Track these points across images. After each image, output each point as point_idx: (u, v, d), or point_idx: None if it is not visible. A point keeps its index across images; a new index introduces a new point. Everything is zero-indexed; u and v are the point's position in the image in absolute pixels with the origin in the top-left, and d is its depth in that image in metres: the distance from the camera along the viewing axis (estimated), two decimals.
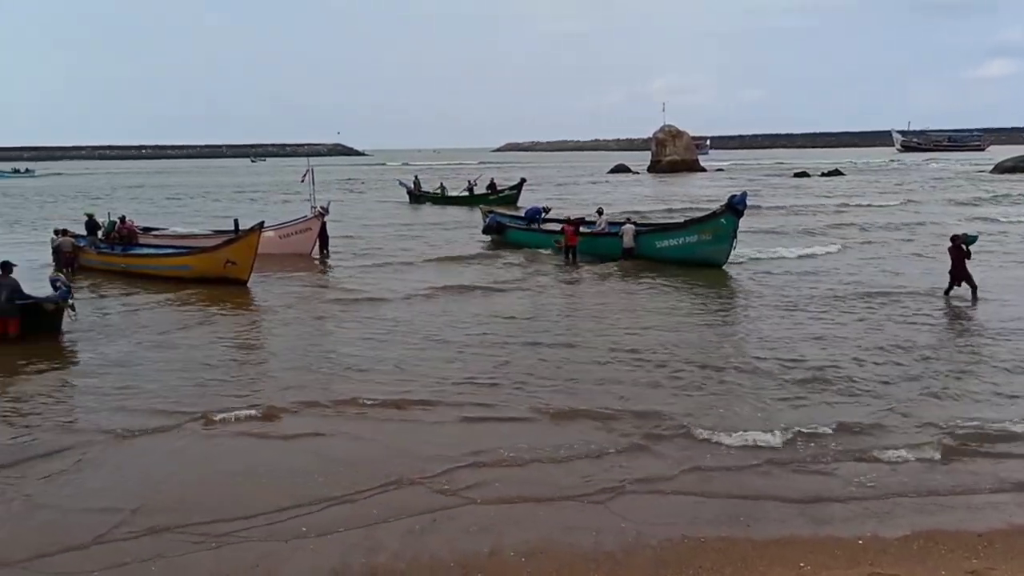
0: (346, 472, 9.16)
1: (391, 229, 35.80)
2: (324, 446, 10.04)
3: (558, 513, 8.23)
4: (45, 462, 9.68)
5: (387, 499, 8.56)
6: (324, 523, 8.04)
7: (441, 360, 13.78)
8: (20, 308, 15.40)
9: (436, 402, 11.53)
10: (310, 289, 21.38)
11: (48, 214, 46.11)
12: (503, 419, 10.89)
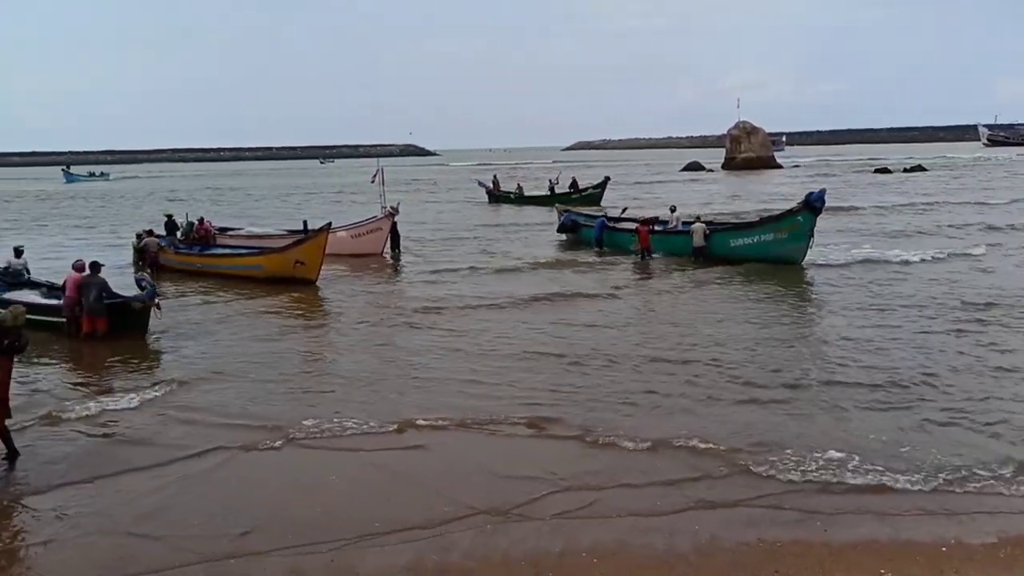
0: (420, 489, 9.00)
1: (465, 230, 35.93)
2: (394, 460, 9.87)
3: (631, 519, 8.23)
4: (148, 475, 9.60)
5: (458, 500, 8.68)
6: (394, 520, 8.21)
7: (514, 373, 13.30)
8: (108, 307, 16.05)
9: (508, 418, 11.10)
10: (379, 292, 21.50)
11: (125, 216, 47.86)
12: (575, 439, 10.37)
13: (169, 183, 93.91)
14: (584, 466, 9.42)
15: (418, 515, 8.29)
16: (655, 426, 10.64)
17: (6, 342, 9.08)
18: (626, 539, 7.81)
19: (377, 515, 8.32)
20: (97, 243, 32.85)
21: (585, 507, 8.46)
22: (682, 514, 8.26)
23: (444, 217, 42.96)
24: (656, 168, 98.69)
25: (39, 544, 7.99)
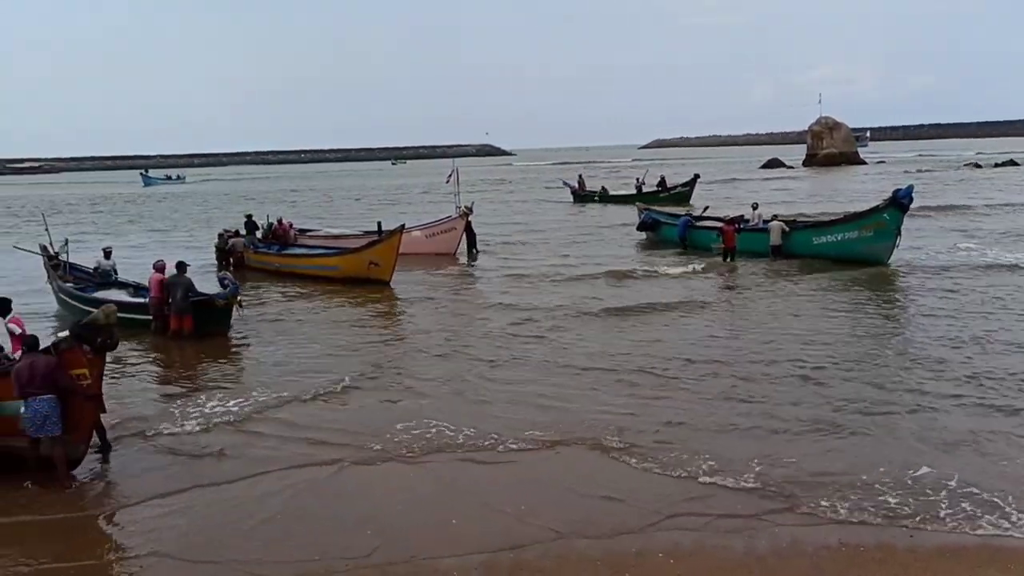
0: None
1: (546, 230, 35.70)
2: (456, 478, 9.55)
3: (710, 522, 8.22)
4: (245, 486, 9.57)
5: (533, 502, 8.75)
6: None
7: (597, 386, 12.64)
8: (193, 304, 16.68)
9: (585, 437, 10.47)
10: (454, 295, 21.42)
11: (201, 218, 49.32)
12: (656, 460, 9.72)
13: (245, 185, 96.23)
14: (662, 489, 9.00)
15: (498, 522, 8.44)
16: (739, 447, 10.04)
17: (99, 340, 9.50)
18: (704, 541, 7.81)
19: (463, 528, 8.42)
20: (176, 244, 34.07)
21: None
22: (761, 518, 8.21)
23: (524, 217, 42.60)
24: (735, 165, 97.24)
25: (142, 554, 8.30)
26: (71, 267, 20.38)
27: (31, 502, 9.23)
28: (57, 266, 20.20)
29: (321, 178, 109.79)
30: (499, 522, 8.34)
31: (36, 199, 76.13)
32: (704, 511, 8.38)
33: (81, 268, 20.56)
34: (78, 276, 20.07)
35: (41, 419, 9.28)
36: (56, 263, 20.34)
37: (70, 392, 9.43)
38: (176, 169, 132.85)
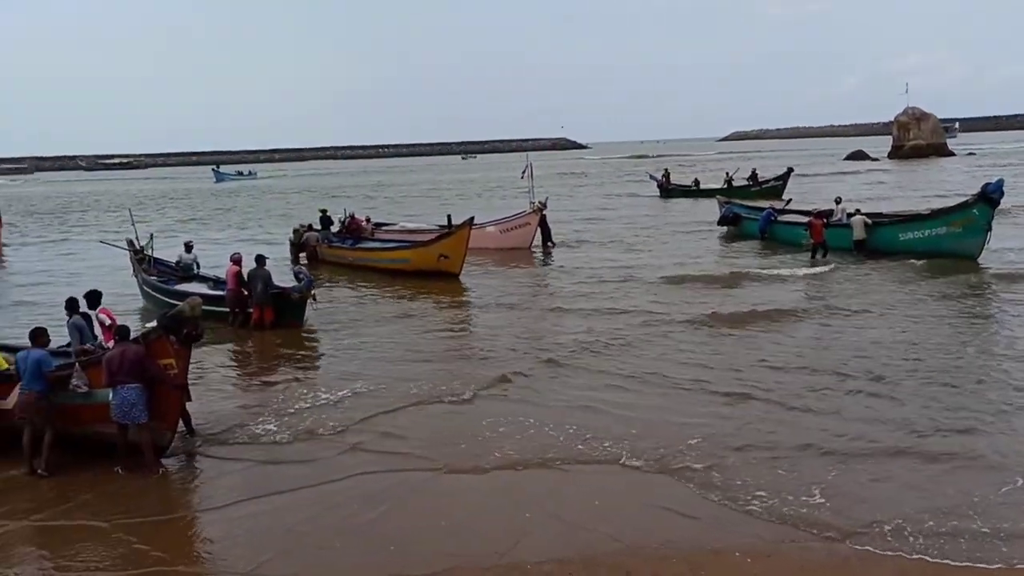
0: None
1: (625, 225, 35.19)
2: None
3: (793, 526, 8.12)
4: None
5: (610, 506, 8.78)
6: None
7: (677, 403, 11.80)
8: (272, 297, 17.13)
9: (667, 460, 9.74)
10: (526, 291, 21.13)
11: (272, 212, 50.45)
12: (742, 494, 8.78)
13: (316, 180, 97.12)
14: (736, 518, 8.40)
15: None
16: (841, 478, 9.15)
17: (185, 331, 9.86)
18: (782, 545, 7.72)
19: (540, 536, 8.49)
20: (251, 238, 35.00)
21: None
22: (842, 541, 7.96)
23: (606, 213, 41.57)
24: (817, 158, 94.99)
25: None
26: (155, 261, 21.09)
27: (120, 488, 9.64)
28: (142, 260, 20.94)
29: (393, 173, 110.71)
30: (576, 529, 8.25)
31: (120, 194, 79.01)
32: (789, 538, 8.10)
33: (164, 262, 21.28)
34: (161, 269, 20.77)
35: (128, 406, 9.69)
36: (141, 257, 21.08)
37: (158, 381, 9.82)
38: (248, 165, 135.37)
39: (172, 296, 18.12)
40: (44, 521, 8.80)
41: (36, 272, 27.67)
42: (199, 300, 10.28)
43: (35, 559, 8.05)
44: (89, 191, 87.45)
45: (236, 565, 7.76)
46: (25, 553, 8.18)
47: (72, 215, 54.77)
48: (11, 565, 7.92)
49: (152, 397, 9.87)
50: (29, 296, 22.69)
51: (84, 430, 10.40)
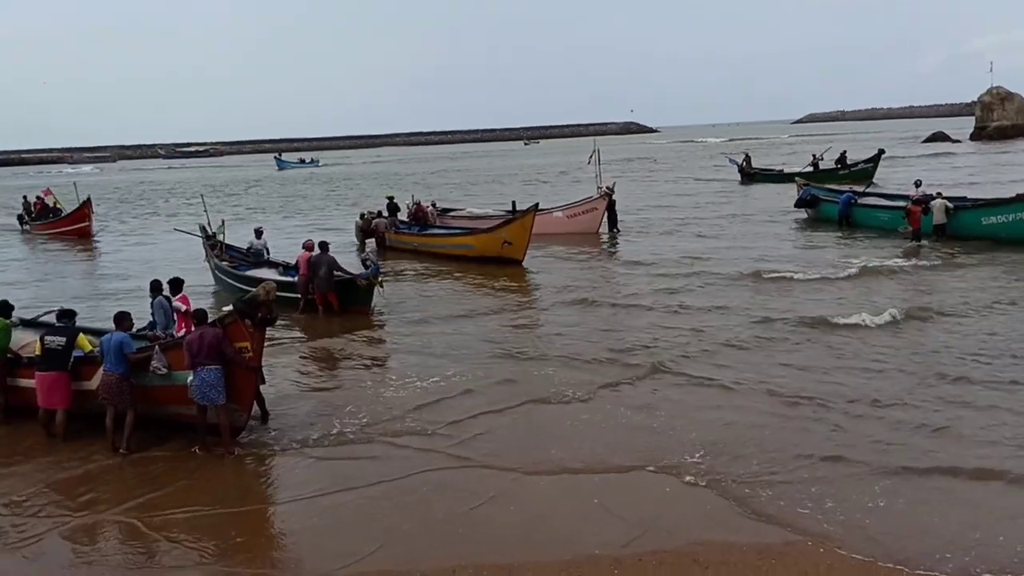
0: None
1: (696, 209, 34.63)
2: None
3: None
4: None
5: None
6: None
7: (777, 419, 10.76)
8: (336, 283, 17.53)
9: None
10: (593, 281, 20.66)
11: (340, 198, 51.11)
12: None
13: (378, 168, 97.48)
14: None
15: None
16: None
17: (259, 315, 10.21)
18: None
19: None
20: (312, 224, 35.54)
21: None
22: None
23: (681, 200, 39.86)
24: (896, 140, 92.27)
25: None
26: (227, 247, 21.68)
27: (199, 466, 10.05)
28: (214, 246, 21.52)
29: (456, 159, 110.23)
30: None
31: (192, 182, 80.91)
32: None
33: (235, 248, 21.85)
34: (232, 255, 21.33)
35: (207, 388, 10.07)
36: (213, 243, 21.67)
37: (234, 363, 10.18)
38: (318, 152, 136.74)
39: (243, 281, 18.71)
40: (129, 508, 9.07)
41: (122, 260, 28.59)
42: (273, 285, 10.62)
43: (121, 547, 8.32)
44: (162, 180, 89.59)
45: (316, 557, 7.90)
46: (110, 541, 8.47)
47: (150, 202, 56.32)
48: (100, 554, 8.20)
49: (228, 379, 10.23)
50: (113, 282, 23.55)
51: (164, 410, 10.87)
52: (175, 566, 7.81)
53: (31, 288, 23.01)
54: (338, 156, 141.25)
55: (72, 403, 10.92)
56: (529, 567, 7.49)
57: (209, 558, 7.95)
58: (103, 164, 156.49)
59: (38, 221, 38.69)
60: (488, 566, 7.52)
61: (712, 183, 49.00)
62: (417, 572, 7.48)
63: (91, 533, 8.55)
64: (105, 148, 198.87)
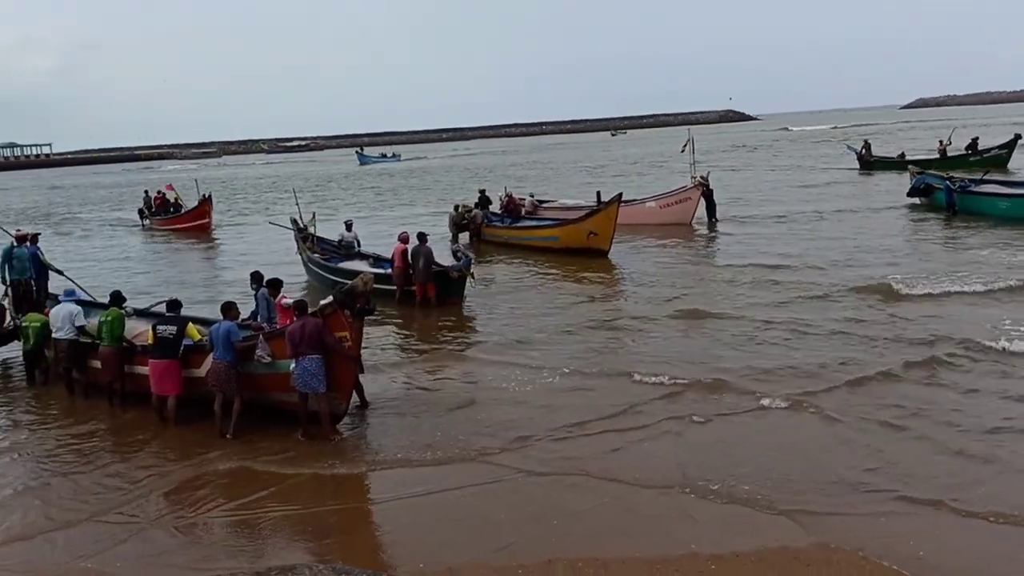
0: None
1: (804, 202, 32.64)
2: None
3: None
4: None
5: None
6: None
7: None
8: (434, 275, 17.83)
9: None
10: (687, 278, 19.89)
11: (423, 193, 51.33)
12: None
13: (460, 160, 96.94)
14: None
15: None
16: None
17: (358, 306, 10.48)
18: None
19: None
20: (399, 217, 36.05)
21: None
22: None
23: (786, 192, 37.31)
24: (1009, 126, 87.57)
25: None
26: (318, 239, 22.19)
27: (300, 454, 10.38)
28: (306, 238, 22.05)
29: (543, 151, 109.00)
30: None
31: (288, 176, 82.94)
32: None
33: (326, 240, 22.33)
34: (323, 248, 21.84)
35: (309, 376, 10.39)
36: (305, 236, 22.20)
37: (334, 352, 10.48)
38: (392, 147, 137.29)
39: (335, 273, 19.18)
40: (230, 498, 9.37)
41: (226, 252, 29.71)
42: (371, 276, 10.89)
43: (223, 534, 8.60)
44: (261, 175, 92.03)
45: (412, 548, 7.99)
46: (213, 529, 8.75)
47: (247, 197, 57.94)
48: (202, 541, 8.46)
49: (328, 368, 10.52)
50: (220, 273, 24.63)
51: (268, 398, 11.29)
52: (276, 556, 7.98)
53: (141, 279, 24.09)
54: (422, 150, 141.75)
55: (183, 389, 11.46)
56: (624, 561, 7.51)
57: (309, 548, 8.17)
58: (208, 160, 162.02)
59: (158, 216, 39.30)
60: (583, 559, 7.56)
61: (825, 172, 46.43)
62: (513, 563, 7.57)
63: (194, 519, 8.88)
64: (211, 144, 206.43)
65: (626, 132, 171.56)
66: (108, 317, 12.21)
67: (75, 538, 8.60)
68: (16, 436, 11.78)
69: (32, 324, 13.60)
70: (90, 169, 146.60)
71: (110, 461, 10.59)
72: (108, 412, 12.31)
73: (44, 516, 9.13)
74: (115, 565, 8.00)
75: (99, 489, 9.74)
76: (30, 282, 16.42)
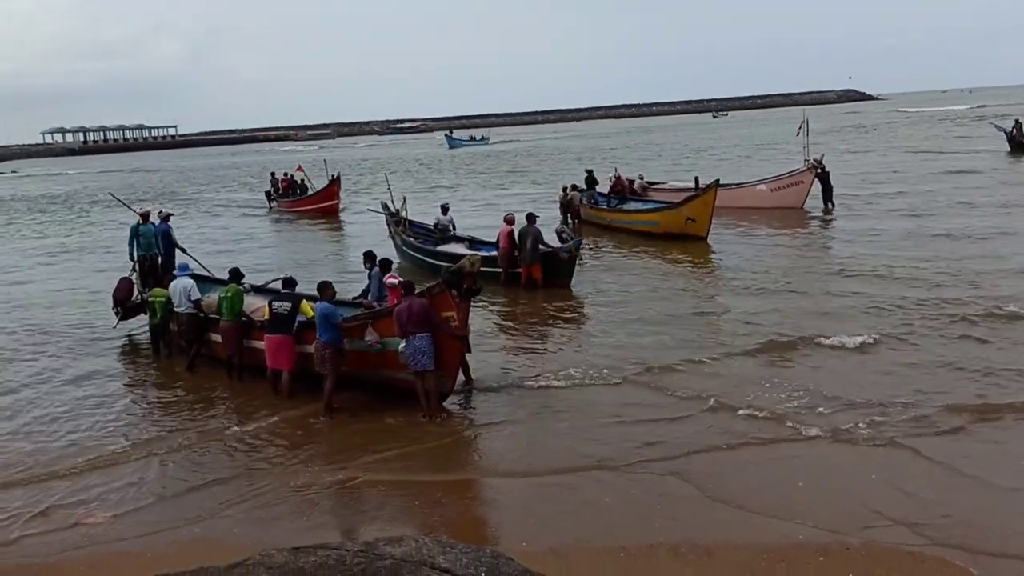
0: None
1: (932, 187, 30.47)
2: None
3: None
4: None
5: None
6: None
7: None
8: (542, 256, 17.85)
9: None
10: (795, 262, 19.39)
11: (516, 172, 51.52)
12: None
13: (551, 143, 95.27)
14: None
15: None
16: None
17: (465, 286, 10.59)
18: None
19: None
20: (500, 199, 36.04)
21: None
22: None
23: (919, 179, 33.55)
24: None
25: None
26: (410, 223, 22.49)
27: (407, 430, 10.59)
28: (399, 222, 22.39)
29: (644, 133, 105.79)
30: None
31: (385, 159, 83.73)
32: None
33: (419, 224, 22.64)
34: (416, 231, 22.09)
35: (420, 354, 10.56)
36: (398, 219, 22.55)
37: (440, 332, 10.62)
38: (481, 130, 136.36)
39: (433, 256, 19.46)
40: (341, 467, 9.70)
41: (352, 233, 30.12)
42: (479, 257, 10.99)
43: (341, 510, 8.84)
44: (363, 156, 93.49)
45: (515, 526, 8.10)
46: (329, 504, 8.99)
47: (348, 179, 58.13)
48: (320, 514, 8.69)
49: (435, 347, 10.69)
50: (346, 253, 25.01)
51: (378, 375, 11.57)
52: (382, 527, 8.13)
53: (266, 258, 24.62)
54: (514, 132, 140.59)
55: (296, 364, 11.83)
56: (731, 547, 7.43)
57: (415, 520, 8.36)
58: (323, 141, 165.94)
59: (285, 198, 39.00)
60: (686, 543, 7.51)
61: (965, 156, 41.73)
62: (614, 546, 7.56)
63: (304, 489, 9.15)
64: (327, 125, 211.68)
65: (727, 114, 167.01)
66: (228, 293, 12.71)
67: (186, 503, 9.01)
68: (139, 405, 12.45)
69: (157, 299, 14.31)
70: (213, 150, 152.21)
71: (224, 430, 11.07)
72: (226, 384, 12.86)
73: (160, 483, 9.59)
74: (228, 531, 8.34)
75: (212, 456, 10.22)
76: (155, 258, 17.37)
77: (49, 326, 17.05)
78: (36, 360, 14.76)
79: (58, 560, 7.95)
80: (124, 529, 8.51)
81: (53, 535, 8.44)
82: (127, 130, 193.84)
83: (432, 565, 4.59)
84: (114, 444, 10.76)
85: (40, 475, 9.88)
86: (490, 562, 4.74)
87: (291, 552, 4.76)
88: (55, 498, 9.24)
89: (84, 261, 26.24)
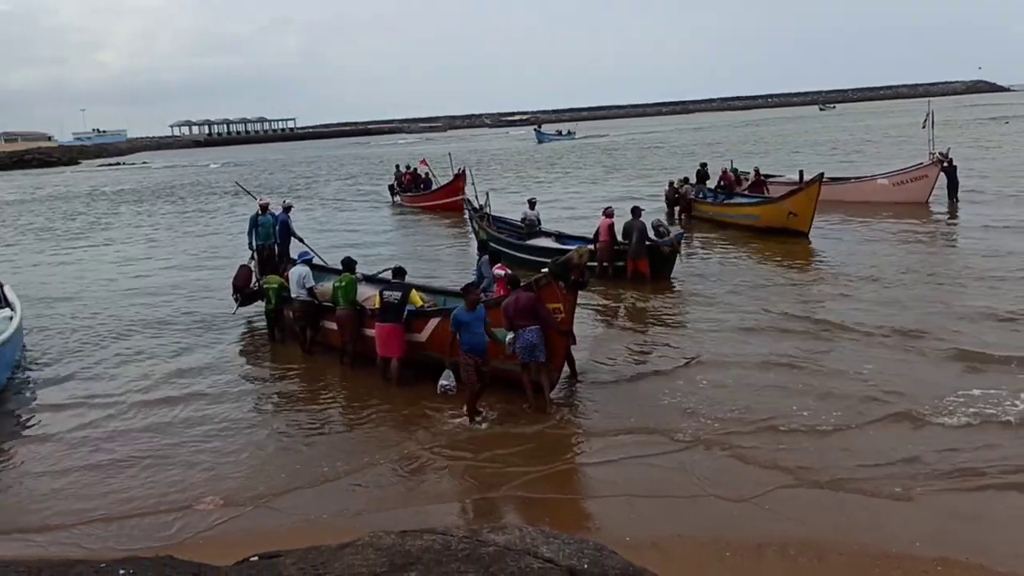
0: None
1: None
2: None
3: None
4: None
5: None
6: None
7: None
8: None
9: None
10: (905, 253, 18.70)
11: (611, 170, 50.09)
12: None
13: (640, 137, 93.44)
14: None
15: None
16: None
17: (572, 278, 10.58)
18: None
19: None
20: (590, 193, 35.62)
21: None
22: None
23: None
24: None
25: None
26: (494, 218, 22.59)
27: (514, 420, 10.64)
28: (483, 217, 22.55)
29: (746, 127, 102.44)
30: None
31: (481, 152, 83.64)
32: None
33: (503, 219, 22.76)
34: (500, 226, 22.17)
35: (531, 347, 10.57)
36: (482, 215, 22.71)
37: (547, 324, 10.63)
38: (568, 124, 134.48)
39: (522, 250, 19.66)
40: (445, 448, 9.93)
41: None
42: (587, 249, 10.99)
43: (449, 498, 8.91)
44: (473, 148, 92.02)
45: (617, 520, 8.04)
46: (427, 479, 9.21)
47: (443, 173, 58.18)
48: (428, 501, 8.76)
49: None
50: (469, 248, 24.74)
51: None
52: (489, 516, 8.29)
53: (385, 250, 24.84)
54: (606, 126, 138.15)
55: (405, 352, 12.09)
56: (841, 550, 7.21)
57: (520, 510, 8.43)
58: (434, 134, 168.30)
59: (408, 193, 37.61)
60: (796, 544, 7.33)
61: None
62: (719, 544, 7.44)
63: (414, 476, 9.34)
64: (438, 119, 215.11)
65: (835, 106, 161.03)
66: (342, 282, 13.07)
67: (299, 485, 9.24)
68: (255, 387, 12.91)
69: (271, 285, 14.85)
70: (330, 143, 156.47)
71: (335, 415, 11.37)
72: (339, 370, 13.21)
73: (273, 464, 9.86)
74: (338, 513, 8.56)
75: (324, 439, 10.52)
76: (273, 247, 18.03)
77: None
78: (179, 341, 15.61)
79: (168, 544, 7.85)
80: (234, 512, 8.73)
81: (165, 516, 8.64)
82: (249, 123, 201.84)
83: (535, 554, 4.63)
84: (226, 426, 11.18)
85: (155, 456, 10.23)
86: (592, 554, 4.76)
87: (399, 535, 4.88)
88: (169, 481, 9.51)
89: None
